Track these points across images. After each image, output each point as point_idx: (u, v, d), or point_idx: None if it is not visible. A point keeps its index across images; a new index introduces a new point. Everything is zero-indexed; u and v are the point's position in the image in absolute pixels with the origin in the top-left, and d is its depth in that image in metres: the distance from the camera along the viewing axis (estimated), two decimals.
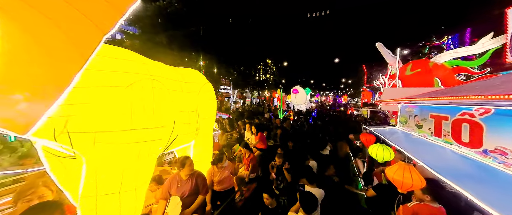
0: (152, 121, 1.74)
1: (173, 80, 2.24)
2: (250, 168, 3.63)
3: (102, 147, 1.45)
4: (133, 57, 1.84)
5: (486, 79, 2.95)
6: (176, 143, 2.27)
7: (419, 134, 2.70)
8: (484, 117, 1.53)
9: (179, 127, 2.20)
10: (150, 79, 1.79)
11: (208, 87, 3.09)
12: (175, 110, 2.10)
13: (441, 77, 4.61)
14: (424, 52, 13.85)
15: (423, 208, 2.10)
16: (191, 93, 2.56)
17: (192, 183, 2.30)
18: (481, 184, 1.27)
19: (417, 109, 2.86)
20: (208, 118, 3.04)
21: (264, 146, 4.84)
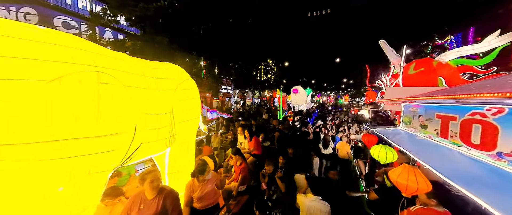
0: (96, 128, 1.31)
1: (137, 75, 1.78)
2: (239, 179, 3.16)
3: (8, 166, 1.03)
4: (72, 42, 1.35)
5: (494, 77, 2.82)
6: (140, 153, 1.82)
7: (424, 135, 2.59)
8: (498, 117, 1.42)
9: (144, 134, 1.76)
10: (95, 72, 1.34)
11: (189, 85, 2.63)
12: (137, 112, 1.67)
13: (446, 76, 4.47)
14: (427, 51, 13.66)
15: (428, 212, 2.00)
16: (163, 91, 2.09)
17: (158, 205, 1.81)
18: (495, 189, 1.16)
19: (421, 109, 2.75)
20: (188, 121, 2.55)
21: (259, 152, 4.44)
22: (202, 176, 2.30)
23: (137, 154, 1.80)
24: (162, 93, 2.07)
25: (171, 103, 2.23)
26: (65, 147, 1.18)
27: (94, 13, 8.36)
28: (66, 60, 1.23)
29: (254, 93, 25.73)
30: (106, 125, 1.39)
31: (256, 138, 4.48)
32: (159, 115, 1.97)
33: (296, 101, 13.97)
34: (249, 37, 15.96)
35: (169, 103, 2.18)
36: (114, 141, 1.45)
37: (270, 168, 3.02)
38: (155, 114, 1.91)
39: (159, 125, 1.97)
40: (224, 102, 23.02)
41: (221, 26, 12.41)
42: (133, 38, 9.83)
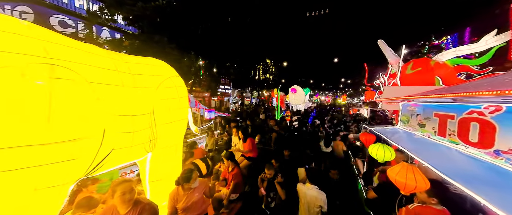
0: (46, 133, 1.09)
1: (107, 70, 1.54)
2: (231, 186, 2.88)
3: None
4: (15, 27, 1.12)
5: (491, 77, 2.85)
6: (111, 161, 1.59)
7: (422, 134, 2.61)
8: (496, 116, 1.43)
9: (115, 138, 1.53)
10: (47, 65, 1.13)
11: (174, 82, 2.36)
12: (107, 113, 1.44)
13: (443, 76, 4.52)
14: (424, 51, 13.82)
15: (426, 210, 2.02)
16: (141, 89, 1.85)
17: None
18: (493, 186, 1.17)
19: (419, 108, 2.77)
20: (173, 123, 2.27)
21: (254, 155, 4.18)
22: (187, 184, 2.06)
23: (108, 162, 1.56)
24: (140, 91, 1.82)
25: (151, 102, 1.96)
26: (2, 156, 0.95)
27: (91, 12, 8.27)
28: (9, 49, 1.01)
29: (253, 92, 25.73)
30: (62, 129, 1.15)
31: (251, 139, 4.21)
32: (135, 117, 1.72)
33: (294, 101, 14.00)
34: (247, 37, 15.94)
35: (149, 103, 1.92)
36: (74, 148, 1.22)
37: (270, 172, 2.80)
38: (130, 116, 1.66)
39: (135, 128, 1.71)
40: (222, 101, 22.96)
41: (220, 25, 12.37)
42: (131, 38, 9.75)
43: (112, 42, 9.11)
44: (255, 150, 4.23)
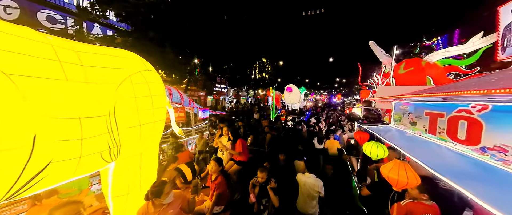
0: None
1: (42, 59, 1.21)
2: (214, 198, 2.56)
3: None
4: None
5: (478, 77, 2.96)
6: (51, 176, 1.26)
7: (413, 132, 2.69)
8: (483, 114, 1.50)
9: (54, 147, 1.21)
10: None
11: (145, 77, 1.98)
12: (38, 116, 1.14)
13: (433, 76, 4.67)
14: (415, 52, 14.22)
15: (417, 206, 2.11)
16: (97, 84, 1.51)
17: None
18: (480, 182, 1.23)
19: (411, 107, 2.85)
20: (142, 126, 1.91)
21: (244, 159, 3.78)
22: (158, 199, 1.73)
23: (47, 178, 1.23)
24: (94, 88, 1.47)
25: (111, 101, 1.61)
26: None
27: (81, 8, 8.00)
28: None
29: (249, 92, 25.70)
30: None
31: (241, 141, 3.78)
32: (85, 119, 1.37)
33: (290, 100, 14.08)
34: (243, 35, 15.87)
35: (106, 102, 1.57)
36: None
37: (263, 175, 2.54)
38: (76, 118, 1.32)
39: (85, 133, 1.37)
40: (218, 100, 22.82)
41: (215, 23, 12.24)
42: (123, 35, 9.49)
43: (104, 39, 8.85)
44: (246, 153, 3.86)
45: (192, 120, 7.51)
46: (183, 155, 3.93)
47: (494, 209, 0.98)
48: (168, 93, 5.53)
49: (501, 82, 1.26)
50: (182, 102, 6.25)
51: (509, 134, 1.30)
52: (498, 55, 2.81)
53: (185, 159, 3.69)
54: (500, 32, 2.71)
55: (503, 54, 2.71)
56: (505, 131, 1.32)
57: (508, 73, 1.56)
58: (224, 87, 23.75)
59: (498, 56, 2.81)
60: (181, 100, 6.24)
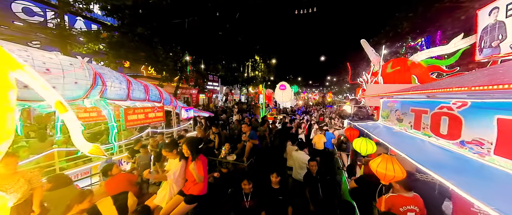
0: None
1: None
2: None
3: None
4: None
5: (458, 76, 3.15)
6: None
7: (400, 128, 2.83)
8: (462, 110, 1.60)
9: None
10: None
11: None
12: None
13: (418, 75, 4.92)
14: (401, 52, 14.84)
15: (399, 198, 2.25)
16: None
17: None
18: (459, 173, 1.32)
19: (398, 104, 2.98)
20: None
21: (202, 191, 2.41)
22: None
23: None
24: None
25: None
26: None
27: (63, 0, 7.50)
28: None
29: (242, 90, 25.58)
30: None
31: (201, 160, 2.40)
32: None
33: (282, 98, 14.13)
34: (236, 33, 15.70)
35: None
36: None
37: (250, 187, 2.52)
38: None
39: None
40: (210, 98, 22.49)
41: (207, 20, 11.99)
42: (109, 29, 9.03)
43: (88, 33, 8.39)
44: (206, 182, 2.46)
45: (173, 121, 6.81)
46: (115, 181, 2.67)
47: (471, 197, 1.06)
48: (144, 90, 5.13)
49: (478, 80, 1.36)
50: (161, 100, 5.81)
51: (484, 129, 1.40)
52: (476, 55, 3.01)
53: (120, 186, 2.50)
54: (478, 34, 2.90)
55: (480, 54, 2.90)
56: (481, 126, 1.42)
57: (485, 72, 1.67)
58: (217, 85, 23.45)
59: (476, 57, 3.01)
60: (161, 98, 5.81)
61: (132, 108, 4.85)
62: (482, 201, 0.98)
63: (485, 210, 0.96)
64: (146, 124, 5.29)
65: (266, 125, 6.69)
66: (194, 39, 11.66)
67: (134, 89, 4.75)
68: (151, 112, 5.23)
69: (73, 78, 3.22)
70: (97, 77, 3.71)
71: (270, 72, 30.28)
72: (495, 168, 1.31)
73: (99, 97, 3.88)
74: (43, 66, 2.84)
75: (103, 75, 3.92)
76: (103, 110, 4.13)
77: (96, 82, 3.67)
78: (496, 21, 2.55)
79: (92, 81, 3.58)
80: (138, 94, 4.94)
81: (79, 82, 3.35)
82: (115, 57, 8.51)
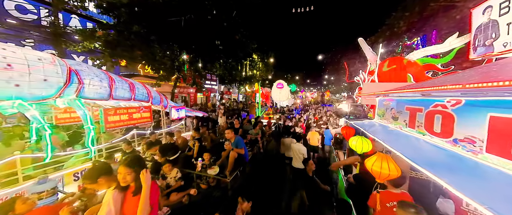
0: None
1: None
2: None
3: None
4: None
5: (452, 74, 3.17)
6: None
7: (395, 126, 2.84)
8: (456, 108, 1.61)
9: None
10: None
11: None
12: None
13: (413, 73, 4.95)
14: (398, 51, 14.94)
15: (387, 194, 2.28)
16: None
17: None
18: (452, 171, 1.33)
19: (393, 102, 3.00)
20: None
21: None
22: None
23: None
24: None
25: None
26: None
27: None
28: None
29: (239, 88, 25.50)
30: None
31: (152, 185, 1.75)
32: None
33: (279, 97, 14.10)
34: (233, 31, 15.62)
35: None
36: None
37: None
38: None
39: None
40: (208, 97, 22.38)
41: (204, 18, 11.88)
42: (105, 27, 8.89)
43: (83, 32, 8.25)
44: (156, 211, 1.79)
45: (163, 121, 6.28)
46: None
47: (464, 196, 1.06)
48: (129, 88, 4.53)
49: (473, 78, 1.36)
50: (150, 99, 5.20)
51: (476, 127, 1.41)
52: (470, 54, 3.03)
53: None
54: (472, 32, 2.92)
55: (474, 53, 2.92)
56: (473, 124, 1.43)
57: (479, 70, 1.69)
58: (215, 84, 23.33)
59: (470, 55, 3.03)
60: (149, 98, 5.19)
61: (114, 109, 4.44)
62: (475, 200, 0.99)
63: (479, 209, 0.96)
64: (131, 125, 4.83)
65: (258, 126, 6.10)
66: (191, 38, 11.56)
67: (117, 87, 4.24)
68: (136, 113, 4.80)
69: (41, 75, 2.84)
70: (72, 74, 3.29)
71: (268, 71, 30.24)
72: (488, 166, 1.32)
73: (75, 96, 3.44)
74: (4, 61, 2.49)
75: (80, 72, 3.48)
76: (78, 111, 3.67)
77: (70, 79, 3.24)
78: (490, 19, 2.57)
79: (65, 79, 3.16)
80: (122, 92, 4.41)
81: (49, 80, 2.95)
82: (111, 56, 8.39)
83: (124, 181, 1.66)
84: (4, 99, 2.63)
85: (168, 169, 3.41)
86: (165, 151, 3.84)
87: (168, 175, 3.43)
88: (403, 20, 14.77)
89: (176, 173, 3.46)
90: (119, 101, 4.57)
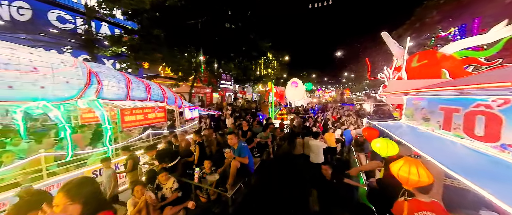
0: None
1: None
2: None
3: None
4: None
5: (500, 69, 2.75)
6: None
7: (426, 128, 2.57)
8: (504, 108, 1.39)
9: None
10: None
11: None
12: None
13: (449, 69, 4.40)
14: (430, 44, 13.42)
15: (416, 203, 2.03)
16: None
17: None
18: (499, 180, 1.15)
19: (424, 102, 2.71)
20: None
21: None
22: None
23: None
24: None
25: None
26: None
27: (89, 7, 8.15)
28: None
29: (254, 88, 25.57)
30: None
31: None
32: None
33: (294, 96, 13.69)
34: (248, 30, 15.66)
35: None
36: None
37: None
38: None
39: None
40: (223, 97, 22.90)
41: (220, 19, 12.13)
42: (129, 32, 9.64)
43: (112, 37, 9.03)
44: None
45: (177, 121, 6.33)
46: None
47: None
48: (145, 89, 4.68)
49: None
50: (165, 99, 5.33)
51: None
52: None
53: None
54: None
55: None
56: None
57: None
58: (230, 84, 23.75)
59: None
60: (164, 98, 5.32)
61: (130, 109, 4.54)
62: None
63: None
64: (146, 125, 4.90)
65: (269, 129, 5.49)
66: (207, 39, 11.90)
67: (134, 88, 4.34)
68: (151, 113, 4.85)
69: (64, 77, 2.96)
70: (92, 75, 3.42)
71: (283, 70, 29.76)
72: None
73: (95, 97, 3.54)
74: (30, 64, 2.60)
75: (99, 73, 3.61)
76: (97, 111, 3.77)
77: (90, 81, 3.36)
78: None
79: (86, 80, 3.28)
80: (139, 93, 4.51)
81: (71, 82, 3.08)
82: (135, 59, 9.09)
83: None
84: (31, 101, 2.76)
85: (163, 178, 2.99)
86: (162, 157, 3.57)
87: (164, 186, 3.00)
88: (437, 8, 13.19)
89: (173, 183, 3.01)
90: (136, 101, 4.65)
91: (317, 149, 4.52)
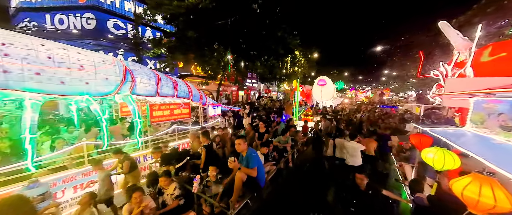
0: None
1: None
2: None
3: None
4: None
5: None
6: None
7: (506, 138, 1.99)
8: None
9: None
10: None
11: None
12: None
13: None
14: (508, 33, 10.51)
15: None
16: None
17: None
18: None
19: (503, 105, 2.11)
20: None
21: None
22: None
23: None
24: None
25: None
26: None
27: (137, 14, 9.34)
28: None
29: (279, 86, 25.09)
30: None
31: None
32: None
33: (322, 96, 12.74)
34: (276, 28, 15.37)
35: None
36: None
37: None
38: None
39: None
40: (249, 95, 23.22)
41: (248, 17, 12.25)
42: (168, 35, 10.68)
43: (153, 40, 10.19)
44: None
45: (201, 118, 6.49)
46: None
47: None
48: (173, 86, 4.91)
49: None
50: (190, 96, 5.56)
51: None
52: None
53: None
54: None
55: None
56: None
57: None
58: (255, 82, 23.91)
59: None
60: (189, 95, 5.56)
61: (158, 104, 4.76)
62: None
63: None
64: (172, 120, 5.15)
65: (289, 133, 4.79)
66: (235, 38, 12.19)
67: (163, 85, 4.61)
68: (177, 109, 5.09)
69: (104, 74, 3.26)
70: (127, 73, 3.69)
71: (311, 67, 28.27)
72: None
73: (129, 92, 3.83)
74: (78, 63, 2.89)
75: (134, 71, 3.90)
76: (129, 106, 4.10)
77: (125, 78, 3.62)
78: None
79: (122, 77, 3.55)
80: (167, 90, 4.78)
81: (109, 78, 3.36)
82: (171, 59, 10.03)
83: None
84: (78, 95, 3.08)
85: (165, 182, 2.65)
86: (168, 159, 3.28)
87: (165, 190, 2.65)
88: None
89: (173, 189, 2.63)
90: (164, 98, 4.91)
91: (353, 151, 4.21)
